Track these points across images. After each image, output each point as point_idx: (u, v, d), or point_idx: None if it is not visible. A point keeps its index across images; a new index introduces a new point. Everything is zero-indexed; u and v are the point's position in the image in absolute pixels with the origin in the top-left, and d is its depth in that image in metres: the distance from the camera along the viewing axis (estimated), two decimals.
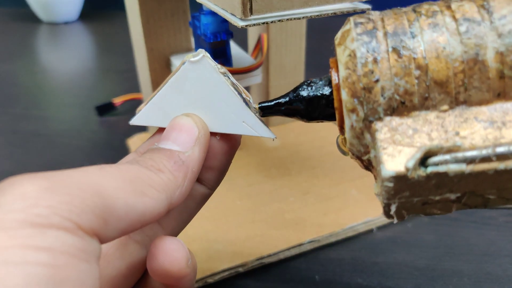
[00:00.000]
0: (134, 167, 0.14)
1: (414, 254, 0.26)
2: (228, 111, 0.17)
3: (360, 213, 0.27)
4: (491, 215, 0.29)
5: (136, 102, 0.46)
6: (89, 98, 0.49)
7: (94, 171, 0.13)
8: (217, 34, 0.27)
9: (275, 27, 0.34)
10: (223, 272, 0.24)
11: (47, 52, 0.69)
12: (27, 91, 0.51)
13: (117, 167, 0.14)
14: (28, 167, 0.35)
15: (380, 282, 0.24)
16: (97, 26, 0.80)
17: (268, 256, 0.25)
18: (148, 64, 0.31)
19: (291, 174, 0.32)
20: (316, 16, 0.21)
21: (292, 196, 0.29)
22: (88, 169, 0.13)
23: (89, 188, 0.12)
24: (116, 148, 0.38)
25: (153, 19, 0.29)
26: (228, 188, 0.30)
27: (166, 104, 0.17)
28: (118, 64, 0.60)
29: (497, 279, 0.24)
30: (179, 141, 0.16)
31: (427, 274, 0.24)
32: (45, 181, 0.12)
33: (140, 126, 0.40)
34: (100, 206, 0.12)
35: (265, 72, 0.36)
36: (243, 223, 0.27)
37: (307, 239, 0.26)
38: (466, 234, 0.27)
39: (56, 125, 0.42)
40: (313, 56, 0.63)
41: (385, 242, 0.27)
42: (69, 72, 0.58)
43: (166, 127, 0.17)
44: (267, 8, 0.19)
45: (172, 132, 0.16)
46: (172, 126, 0.17)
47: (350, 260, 0.25)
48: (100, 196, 0.12)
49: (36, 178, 0.12)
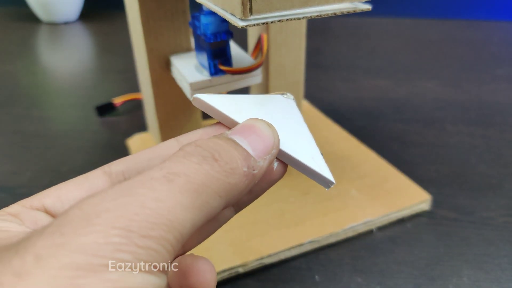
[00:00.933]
0: (203, 171, 0.13)
1: (414, 254, 0.26)
2: (301, 142, 0.17)
3: (360, 214, 0.27)
4: (490, 216, 0.29)
5: (136, 102, 0.46)
6: (89, 98, 0.49)
7: (163, 191, 0.12)
8: (217, 34, 0.27)
9: (275, 27, 0.34)
10: (223, 272, 0.24)
11: (47, 52, 0.69)
12: (27, 92, 0.51)
13: (186, 178, 0.12)
14: (28, 167, 0.35)
15: (380, 282, 0.24)
16: (97, 26, 0.80)
17: (268, 256, 0.25)
18: (148, 64, 0.31)
19: (291, 174, 0.32)
20: (316, 16, 0.21)
21: (292, 196, 0.29)
22: (159, 189, 0.12)
23: (163, 225, 0.12)
24: (116, 148, 0.38)
25: (153, 19, 0.29)
26: None
27: (244, 104, 0.17)
28: (118, 64, 0.60)
29: (496, 279, 0.24)
30: (255, 146, 0.14)
31: (427, 274, 0.24)
32: (122, 222, 0.11)
33: (140, 126, 0.40)
34: (172, 240, 0.12)
35: (265, 72, 0.36)
36: (243, 224, 0.27)
37: (307, 239, 0.26)
38: (466, 234, 0.27)
39: (56, 125, 0.42)
40: (313, 56, 0.63)
41: (384, 242, 0.27)
42: (69, 72, 0.58)
43: (233, 118, 0.16)
44: (267, 8, 0.19)
45: (250, 134, 0.15)
46: (251, 127, 0.15)
47: (350, 260, 0.25)
48: (173, 229, 0.12)
49: (111, 218, 0.11)
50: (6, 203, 0.32)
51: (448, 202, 0.30)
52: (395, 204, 0.28)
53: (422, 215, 0.29)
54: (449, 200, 0.30)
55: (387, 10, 0.84)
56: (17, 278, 0.10)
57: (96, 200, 0.12)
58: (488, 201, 0.30)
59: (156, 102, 0.33)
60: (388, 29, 0.76)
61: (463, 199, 0.30)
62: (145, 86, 0.34)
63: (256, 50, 0.31)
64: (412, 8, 0.83)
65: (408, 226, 0.28)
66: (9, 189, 0.32)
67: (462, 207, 0.30)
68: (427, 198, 0.29)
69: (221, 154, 0.13)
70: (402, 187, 0.30)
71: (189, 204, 0.12)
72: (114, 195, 0.12)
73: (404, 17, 0.83)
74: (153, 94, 0.32)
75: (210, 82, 0.29)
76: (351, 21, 0.81)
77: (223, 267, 0.24)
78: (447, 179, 0.33)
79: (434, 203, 0.30)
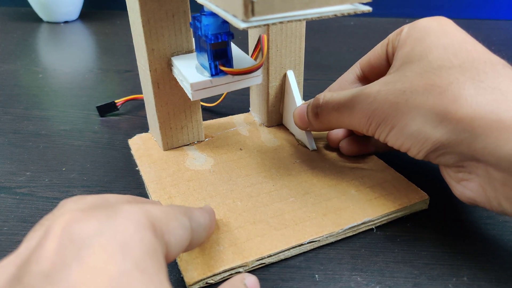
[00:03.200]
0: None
1: (414, 254, 0.26)
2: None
3: (359, 213, 0.28)
4: (490, 215, 0.29)
5: (137, 102, 0.47)
6: (90, 98, 0.49)
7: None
8: (218, 35, 0.27)
9: (275, 28, 0.34)
10: (224, 272, 0.24)
11: (47, 51, 0.69)
12: (27, 91, 0.51)
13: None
14: (28, 167, 0.35)
15: (380, 281, 0.24)
16: (97, 26, 0.81)
17: (269, 256, 0.25)
18: (149, 64, 0.31)
19: (291, 174, 0.32)
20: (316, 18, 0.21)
21: (292, 196, 0.29)
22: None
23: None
24: (117, 148, 0.38)
25: (154, 20, 0.29)
26: (229, 188, 0.30)
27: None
28: (118, 64, 0.60)
29: (496, 278, 0.24)
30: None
31: (427, 273, 0.25)
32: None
33: (141, 126, 0.41)
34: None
35: (265, 72, 0.36)
36: (243, 224, 0.27)
37: (307, 239, 0.26)
38: (465, 234, 0.27)
39: (57, 125, 0.42)
40: (313, 56, 0.63)
41: (384, 242, 0.27)
42: (70, 72, 0.58)
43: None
44: (268, 10, 0.19)
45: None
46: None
47: (350, 259, 0.26)
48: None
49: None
50: (6, 203, 0.32)
51: (448, 202, 0.30)
52: (394, 204, 0.28)
53: (421, 214, 0.29)
54: (449, 200, 0.30)
55: (387, 10, 0.84)
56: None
57: None
58: None
59: (156, 102, 0.33)
60: (388, 29, 0.76)
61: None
62: (146, 86, 0.34)
63: (256, 51, 0.31)
64: (412, 8, 0.83)
65: (408, 226, 0.28)
66: (9, 189, 0.32)
67: (462, 206, 0.30)
68: (426, 197, 0.29)
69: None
70: (402, 187, 0.30)
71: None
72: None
73: (404, 17, 0.83)
74: (154, 94, 0.32)
75: (210, 83, 0.29)
76: (350, 22, 0.81)
77: (223, 267, 0.24)
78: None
79: (433, 202, 0.30)
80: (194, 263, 0.24)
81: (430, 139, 0.24)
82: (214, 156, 0.34)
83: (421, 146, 0.24)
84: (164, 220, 0.18)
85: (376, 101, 0.25)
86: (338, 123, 0.29)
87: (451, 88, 0.23)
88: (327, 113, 0.29)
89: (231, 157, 0.34)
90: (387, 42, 0.29)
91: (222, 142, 0.36)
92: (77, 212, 0.17)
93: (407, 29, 0.27)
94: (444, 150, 0.24)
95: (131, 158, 0.35)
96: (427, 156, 0.25)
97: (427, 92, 0.23)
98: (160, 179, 0.31)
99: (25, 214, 0.30)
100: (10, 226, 0.28)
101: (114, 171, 0.35)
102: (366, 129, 0.27)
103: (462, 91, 0.22)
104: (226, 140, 0.37)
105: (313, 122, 0.31)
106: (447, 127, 0.23)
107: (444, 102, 0.23)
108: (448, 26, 0.26)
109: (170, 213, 0.19)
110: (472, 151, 0.22)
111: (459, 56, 0.24)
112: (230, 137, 0.37)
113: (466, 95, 0.22)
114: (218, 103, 0.44)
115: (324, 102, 0.29)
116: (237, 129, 0.39)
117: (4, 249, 0.27)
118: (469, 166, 0.23)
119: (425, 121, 0.23)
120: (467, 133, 0.22)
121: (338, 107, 0.28)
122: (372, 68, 0.31)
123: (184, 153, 0.35)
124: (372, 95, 0.26)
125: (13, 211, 0.30)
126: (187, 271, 0.24)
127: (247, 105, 0.42)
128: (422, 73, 0.24)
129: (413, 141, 0.24)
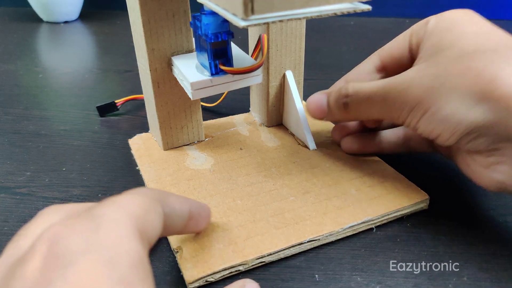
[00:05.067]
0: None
1: (414, 253, 0.26)
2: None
3: (359, 213, 0.28)
4: (490, 215, 0.29)
5: (137, 102, 0.47)
6: (90, 98, 0.49)
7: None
8: (218, 35, 0.27)
9: (275, 27, 0.34)
10: (223, 270, 0.24)
11: (47, 51, 0.69)
12: (27, 91, 0.51)
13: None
14: (28, 167, 0.35)
15: (380, 281, 0.24)
16: (97, 26, 0.81)
17: (269, 255, 0.25)
18: (149, 64, 0.31)
19: (291, 173, 0.32)
20: (316, 17, 0.21)
21: (292, 195, 0.29)
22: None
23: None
24: (117, 148, 0.38)
25: (154, 19, 0.29)
26: (229, 187, 0.30)
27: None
28: (118, 64, 0.60)
29: (497, 279, 0.24)
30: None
31: (427, 273, 0.25)
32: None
33: (141, 126, 0.41)
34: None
35: (265, 72, 0.36)
36: (243, 222, 0.27)
37: (307, 238, 0.26)
38: (466, 234, 0.27)
39: (57, 125, 0.42)
40: (313, 56, 0.63)
41: (384, 241, 0.27)
42: (70, 72, 0.58)
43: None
44: (268, 8, 0.19)
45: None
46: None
47: (350, 259, 0.26)
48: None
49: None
50: (6, 203, 0.32)
51: (448, 202, 0.30)
52: (394, 204, 0.28)
53: (421, 214, 0.29)
54: (449, 200, 0.30)
55: (387, 10, 0.84)
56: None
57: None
58: (488, 201, 0.30)
59: (157, 102, 0.33)
60: (388, 29, 0.76)
61: (463, 199, 0.31)
62: (146, 86, 0.34)
63: (257, 51, 0.31)
64: (412, 8, 0.83)
65: (408, 225, 0.28)
66: (9, 189, 0.32)
67: (462, 206, 0.30)
68: (426, 197, 0.29)
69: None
70: (402, 187, 0.30)
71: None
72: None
73: (404, 17, 0.83)
74: (154, 94, 0.32)
75: (211, 82, 0.29)
76: (350, 21, 0.81)
77: (223, 266, 0.24)
78: (447, 178, 0.33)
79: (433, 202, 0.30)
80: (194, 261, 0.24)
81: (464, 121, 0.23)
82: (214, 155, 0.34)
83: (454, 129, 0.24)
84: (145, 217, 0.18)
85: (411, 87, 0.25)
86: (367, 113, 0.28)
87: (488, 69, 0.23)
88: (357, 103, 0.28)
89: (231, 157, 0.34)
90: (411, 32, 0.29)
91: (222, 141, 0.36)
92: (60, 226, 0.16)
93: (434, 20, 0.27)
94: (479, 133, 0.23)
95: (131, 158, 0.35)
96: (458, 142, 0.25)
97: (463, 75, 0.23)
98: (160, 178, 0.31)
99: (25, 214, 0.30)
100: (10, 226, 0.28)
101: (114, 171, 0.35)
102: (397, 116, 0.26)
103: (499, 71, 0.22)
104: (226, 139, 0.37)
105: (338, 112, 0.30)
106: (484, 107, 0.23)
107: (482, 82, 0.23)
108: (474, 17, 0.26)
109: (148, 206, 0.19)
110: (509, 131, 0.22)
111: (492, 41, 0.24)
112: (230, 136, 0.37)
113: (503, 75, 0.22)
114: (218, 103, 0.44)
115: (354, 92, 0.28)
116: (237, 129, 0.39)
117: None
118: (503, 148, 0.23)
119: (461, 103, 0.23)
120: (505, 111, 0.22)
121: (369, 97, 0.27)
122: (393, 59, 0.31)
123: (184, 152, 0.35)
124: (407, 82, 0.25)
125: (13, 211, 0.30)
126: (187, 269, 0.24)
127: (247, 105, 0.42)
128: (456, 58, 0.24)
129: (446, 124, 0.24)
